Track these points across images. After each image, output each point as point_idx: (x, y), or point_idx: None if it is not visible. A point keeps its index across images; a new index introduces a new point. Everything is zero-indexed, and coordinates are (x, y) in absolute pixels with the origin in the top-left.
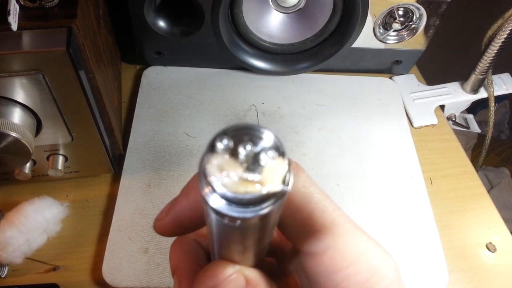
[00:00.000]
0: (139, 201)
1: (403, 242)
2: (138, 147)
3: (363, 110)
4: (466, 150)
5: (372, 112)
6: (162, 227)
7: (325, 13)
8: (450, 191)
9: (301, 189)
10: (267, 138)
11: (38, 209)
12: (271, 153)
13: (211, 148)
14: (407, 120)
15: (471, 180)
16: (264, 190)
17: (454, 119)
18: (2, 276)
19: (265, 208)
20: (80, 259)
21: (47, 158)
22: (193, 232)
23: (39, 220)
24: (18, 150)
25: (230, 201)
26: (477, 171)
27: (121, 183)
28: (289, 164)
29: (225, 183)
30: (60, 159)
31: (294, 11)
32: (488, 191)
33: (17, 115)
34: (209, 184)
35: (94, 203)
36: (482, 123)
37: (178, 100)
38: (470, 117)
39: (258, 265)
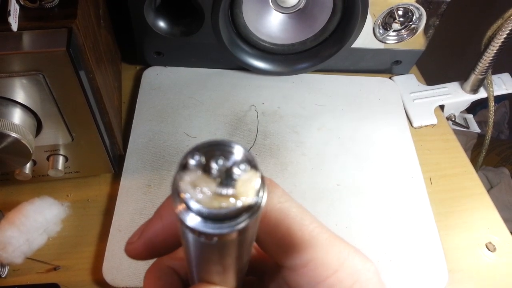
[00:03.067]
0: (139, 201)
1: (403, 242)
2: (138, 147)
3: (363, 110)
4: (465, 150)
5: (372, 112)
6: (134, 251)
7: (325, 13)
8: (450, 191)
9: (276, 205)
10: (238, 153)
11: (39, 209)
12: (243, 166)
13: (184, 166)
14: (406, 120)
15: (470, 180)
16: (239, 203)
17: (453, 119)
18: (3, 276)
19: (242, 223)
20: (81, 259)
21: (47, 159)
22: (168, 257)
23: (40, 220)
24: (19, 151)
25: (206, 217)
26: (476, 171)
27: (121, 183)
28: (262, 177)
29: (199, 199)
30: (60, 159)
31: (294, 11)
32: (488, 191)
33: (17, 116)
34: (183, 201)
35: (94, 203)
36: (481, 123)
37: (178, 100)
38: (470, 117)
39: (239, 285)
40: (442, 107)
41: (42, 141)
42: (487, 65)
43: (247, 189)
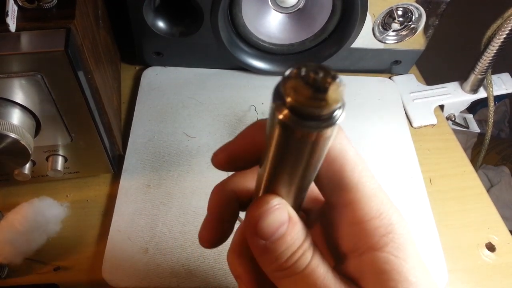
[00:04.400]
0: (138, 202)
1: None
2: (137, 147)
3: (363, 110)
4: (466, 149)
5: (371, 112)
6: (217, 161)
7: (324, 13)
8: (450, 191)
9: (337, 145)
10: (329, 70)
11: (38, 210)
12: (333, 78)
13: (288, 76)
14: (406, 120)
15: (470, 180)
16: (332, 106)
17: (453, 119)
18: (2, 277)
19: (331, 122)
20: (80, 259)
21: (47, 159)
22: (234, 181)
23: (39, 220)
24: (18, 151)
25: (302, 116)
26: (476, 170)
27: (120, 183)
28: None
29: (299, 99)
30: (60, 159)
31: (293, 11)
32: (488, 189)
33: (16, 116)
34: (283, 104)
35: (94, 204)
36: (482, 122)
37: (178, 101)
38: (470, 116)
39: (296, 208)
40: (442, 107)
41: (41, 141)
42: (486, 65)
43: (336, 95)
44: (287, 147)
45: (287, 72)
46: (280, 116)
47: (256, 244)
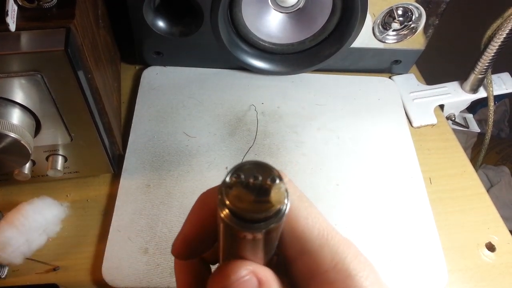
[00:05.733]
0: (138, 201)
1: (402, 242)
2: (137, 147)
3: (363, 110)
4: (466, 148)
5: (371, 111)
6: (175, 251)
7: (324, 13)
8: (450, 191)
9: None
10: (269, 170)
11: (38, 210)
12: (273, 179)
13: (228, 183)
14: (406, 119)
15: (470, 179)
16: (276, 207)
17: (453, 118)
18: (2, 277)
19: (274, 221)
20: (80, 259)
21: (47, 159)
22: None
23: (39, 220)
24: (17, 151)
25: (248, 220)
26: (476, 169)
27: (120, 183)
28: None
29: (243, 207)
30: (60, 159)
31: (293, 11)
32: (488, 189)
33: (16, 116)
34: (228, 210)
35: (94, 204)
36: (482, 122)
37: (178, 100)
38: (470, 116)
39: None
40: (442, 106)
41: (41, 141)
42: (486, 64)
43: (279, 196)
44: (236, 242)
45: (227, 179)
46: (228, 221)
47: None
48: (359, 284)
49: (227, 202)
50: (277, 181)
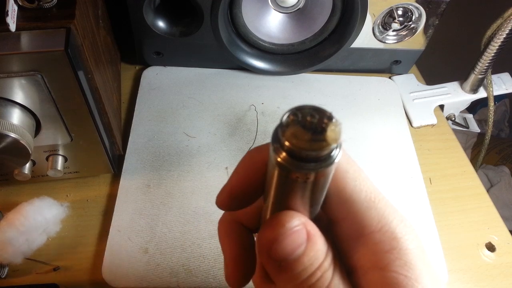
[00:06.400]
0: (138, 201)
1: None
2: (137, 147)
3: (362, 110)
4: (466, 148)
5: (371, 112)
6: (221, 202)
7: (324, 13)
8: (450, 191)
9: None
10: (323, 111)
11: (38, 210)
12: (329, 119)
13: (285, 122)
14: (406, 120)
15: (470, 180)
16: (331, 146)
17: (453, 118)
18: (2, 277)
19: (330, 162)
20: (80, 259)
21: (47, 159)
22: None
23: (39, 220)
24: (18, 151)
25: (302, 159)
26: (476, 169)
27: (120, 183)
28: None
29: (298, 144)
30: (60, 159)
31: (293, 11)
32: (488, 189)
33: (16, 116)
34: (282, 147)
35: (94, 204)
36: (482, 122)
37: (178, 100)
38: (470, 116)
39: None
40: (441, 107)
41: (41, 141)
42: (486, 64)
43: (334, 134)
44: (290, 186)
45: (284, 119)
46: (280, 160)
47: (269, 264)
48: (405, 246)
49: (283, 140)
50: (334, 120)
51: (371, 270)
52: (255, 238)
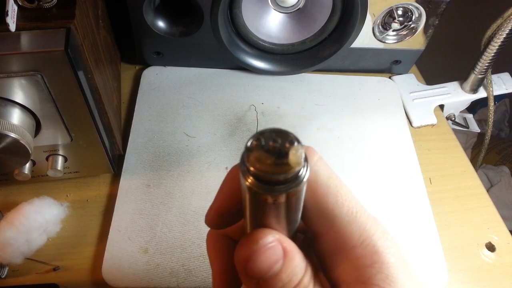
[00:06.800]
0: (138, 201)
1: (402, 242)
2: (137, 147)
3: (363, 110)
4: (466, 148)
5: (371, 112)
6: (209, 221)
7: (324, 13)
8: (450, 190)
9: (313, 167)
10: (287, 135)
11: (38, 210)
12: (292, 143)
13: (250, 147)
14: (406, 120)
15: (470, 179)
16: (294, 169)
17: (453, 118)
18: (2, 277)
19: (298, 183)
20: (80, 259)
21: (47, 159)
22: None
23: (39, 220)
24: (17, 151)
25: (269, 183)
26: (476, 169)
27: (120, 183)
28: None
29: (263, 169)
30: (60, 159)
31: (293, 11)
32: (488, 189)
33: (16, 116)
34: (250, 173)
35: (94, 204)
36: (482, 122)
37: (178, 100)
38: (470, 116)
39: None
40: (441, 106)
41: (41, 141)
42: (486, 64)
43: (296, 158)
44: (262, 208)
45: (248, 143)
46: (249, 185)
47: (248, 282)
48: (386, 260)
49: (248, 165)
50: (295, 144)
51: (353, 285)
52: None
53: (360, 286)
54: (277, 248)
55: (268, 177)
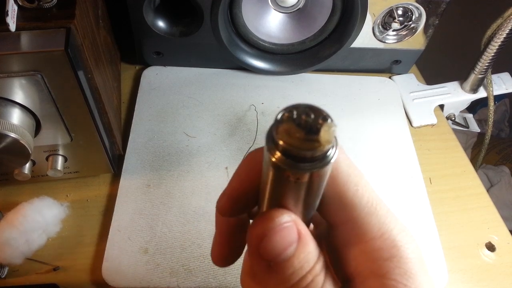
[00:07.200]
0: (138, 201)
1: None
2: (137, 147)
3: (363, 109)
4: (466, 148)
5: (371, 111)
6: (221, 207)
7: (324, 13)
8: (450, 190)
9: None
10: (320, 111)
11: (38, 210)
12: (324, 119)
13: (279, 119)
14: (406, 119)
15: (470, 179)
16: (324, 146)
17: (453, 118)
18: (2, 277)
19: (324, 163)
20: (80, 259)
21: (47, 159)
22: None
23: (39, 220)
24: (18, 151)
25: (295, 158)
26: (476, 169)
27: (120, 183)
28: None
29: (292, 142)
30: (60, 159)
31: (293, 11)
32: (488, 189)
33: (16, 116)
34: (277, 147)
35: (94, 204)
36: (482, 122)
37: (178, 100)
38: (470, 116)
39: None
40: (441, 106)
41: (41, 141)
42: (486, 64)
43: (328, 136)
44: (283, 186)
45: (279, 116)
46: (274, 159)
47: (258, 263)
48: (405, 255)
49: (277, 137)
50: (329, 121)
51: (370, 278)
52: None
53: (377, 279)
54: (293, 229)
55: (295, 152)
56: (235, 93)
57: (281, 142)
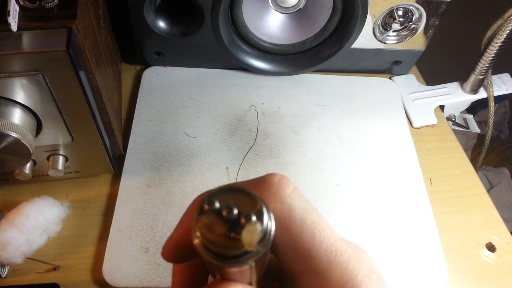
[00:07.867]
0: (139, 201)
1: (402, 242)
2: (138, 147)
3: (363, 110)
4: (465, 150)
5: (371, 112)
6: (166, 254)
7: (324, 13)
8: (450, 191)
9: (278, 208)
10: (249, 202)
11: (39, 209)
12: (250, 216)
13: (201, 209)
14: (406, 120)
15: (470, 180)
16: (242, 249)
17: (453, 119)
18: (3, 276)
19: (246, 260)
20: (80, 259)
21: (47, 158)
22: None
23: (39, 220)
24: (19, 151)
25: (214, 253)
26: (476, 171)
27: (121, 183)
28: (267, 227)
29: (210, 239)
30: (60, 159)
31: (294, 12)
32: (488, 191)
33: (17, 116)
34: (199, 237)
35: (94, 203)
36: (482, 123)
37: (178, 100)
38: (470, 117)
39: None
40: (442, 107)
41: (42, 141)
42: (487, 65)
43: (250, 238)
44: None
45: (200, 206)
46: (195, 242)
47: None
48: None
49: (196, 226)
50: (253, 219)
51: None
52: None
53: None
54: None
55: (214, 249)
56: (235, 93)
57: (198, 235)
